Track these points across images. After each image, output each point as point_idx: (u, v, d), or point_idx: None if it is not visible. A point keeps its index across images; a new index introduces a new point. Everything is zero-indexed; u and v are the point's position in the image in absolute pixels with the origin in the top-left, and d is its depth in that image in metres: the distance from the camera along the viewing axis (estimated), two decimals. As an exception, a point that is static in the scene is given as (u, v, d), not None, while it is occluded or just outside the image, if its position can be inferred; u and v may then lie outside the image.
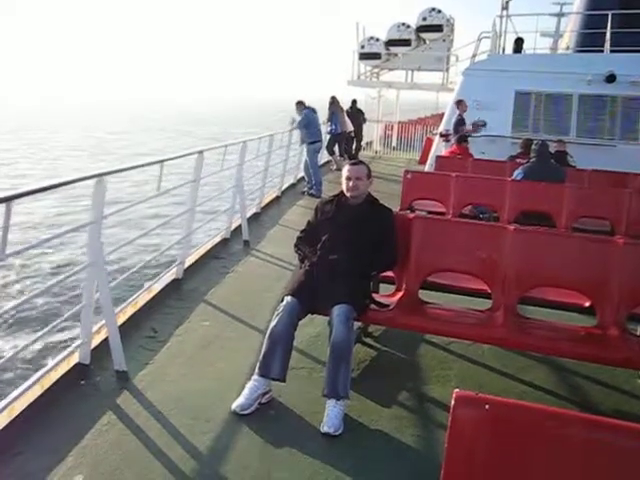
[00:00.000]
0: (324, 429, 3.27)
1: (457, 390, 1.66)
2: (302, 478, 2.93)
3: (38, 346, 7.70)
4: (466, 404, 1.64)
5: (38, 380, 3.45)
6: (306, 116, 11.20)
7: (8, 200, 2.93)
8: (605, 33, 11.95)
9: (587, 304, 3.90)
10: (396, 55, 19.72)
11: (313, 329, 4.45)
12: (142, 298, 4.97)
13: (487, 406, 1.60)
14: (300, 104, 11.42)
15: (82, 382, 3.73)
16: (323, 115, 12.87)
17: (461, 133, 10.47)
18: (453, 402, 1.64)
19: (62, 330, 7.76)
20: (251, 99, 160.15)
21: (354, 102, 16.59)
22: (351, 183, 3.90)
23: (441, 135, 12.25)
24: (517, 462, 1.63)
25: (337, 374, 3.36)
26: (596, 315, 3.80)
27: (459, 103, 11.18)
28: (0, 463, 2.96)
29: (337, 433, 3.26)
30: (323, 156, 13.68)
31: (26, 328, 8.96)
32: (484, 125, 10.97)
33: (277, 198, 10.71)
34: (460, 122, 10.99)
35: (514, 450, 1.62)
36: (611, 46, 11.96)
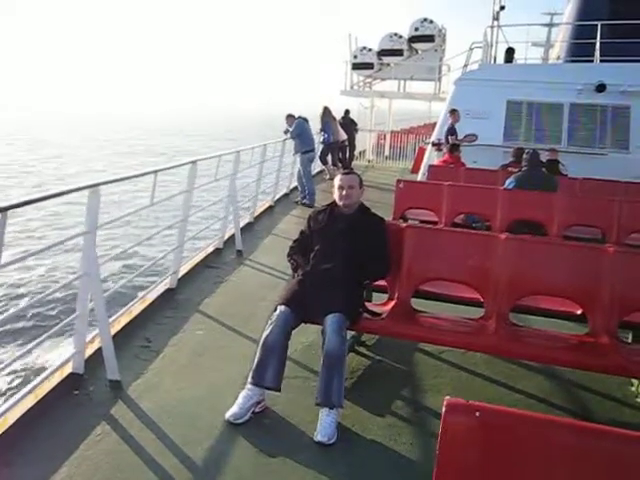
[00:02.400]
0: (317, 438, 3.28)
1: (448, 397, 1.68)
2: None
3: (32, 356, 7.67)
4: (457, 411, 1.66)
5: (32, 390, 3.45)
6: (298, 125, 11.24)
7: (3, 210, 2.94)
8: (595, 43, 12.07)
9: (579, 312, 3.92)
10: (388, 65, 19.86)
11: (306, 338, 4.46)
12: (136, 308, 4.97)
13: (477, 413, 1.62)
14: (290, 117, 11.47)
15: (76, 392, 3.72)
16: (316, 125, 12.92)
17: (452, 142, 10.55)
18: (444, 409, 1.65)
19: (56, 340, 7.72)
20: (240, 108, 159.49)
21: (347, 112, 16.67)
22: (344, 192, 3.93)
23: (433, 144, 12.32)
24: (508, 469, 1.64)
25: (330, 383, 3.37)
26: (588, 323, 3.83)
27: (452, 112, 11.25)
28: None
29: (331, 442, 3.27)
30: (316, 165, 13.73)
31: (20, 337, 8.93)
32: (475, 139, 11.08)
33: (270, 208, 10.73)
34: (451, 131, 11.05)
35: (505, 457, 1.64)
36: (601, 56, 12.08)
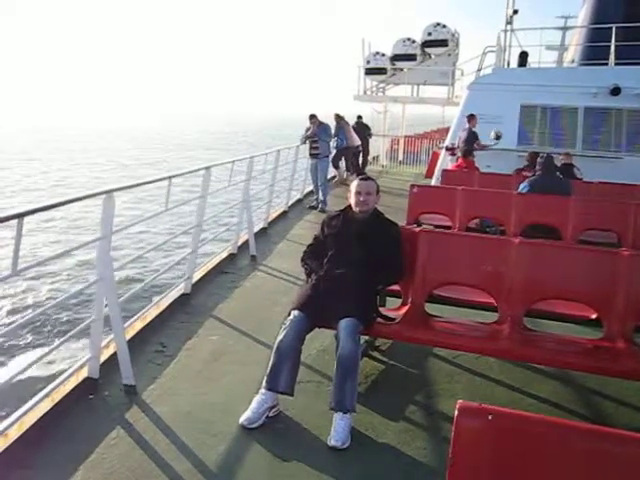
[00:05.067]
0: (331, 442, 3.28)
1: (460, 401, 1.68)
2: None
3: (48, 360, 7.74)
4: (469, 414, 1.66)
5: (48, 394, 3.48)
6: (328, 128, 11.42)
7: (20, 217, 2.98)
8: (610, 46, 12.00)
9: (594, 316, 3.90)
10: (402, 70, 19.87)
11: (320, 343, 4.47)
12: (151, 313, 5.01)
13: (490, 416, 1.61)
14: (314, 117, 11.50)
15: (91, 396, 3.76)
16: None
17: (477, 147, 10.53)
18: (456, 412, 1.65)
19: (72, 344, 7.81)
20: (252, 116, 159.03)
21: (359, 117, 16.70)
22: (361, 198, 3.93)
23: (447, 149, 12.29)
24: (521, 472, 1.64)
25: (344, 387, 3.38)
26: (603, 327, 3.80)
27: (471, 117, 11.15)
28: (10, 477, 2.99)
29: (344, 446, 3.27)
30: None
31: (36, 342, 9.01)
32: (500, 137, 11.05)
33: (284, 213, 10.75)
34: (473, 136, 10.92)
35: (517, 460, 1.63)
36: (616, 59, 12.01)
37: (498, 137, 11.00)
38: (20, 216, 2.98)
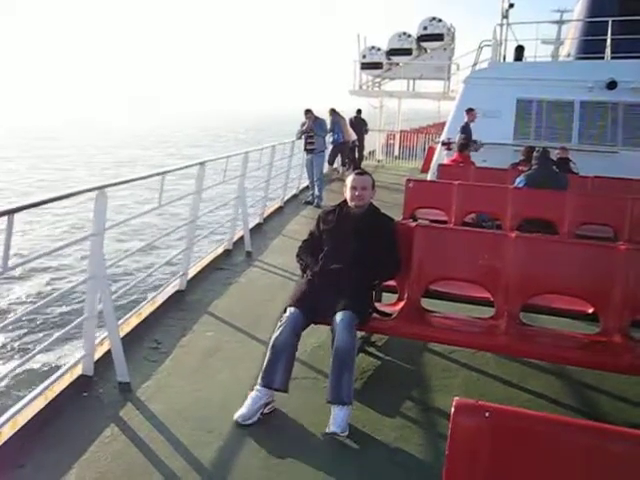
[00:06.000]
0: (330, 429, 3.27)
1: (457, 398, 1.66)
2: None
3: (41, 358, 7.70)
4: (466, 412, 1.64)
5: (41, 392, 3.45)
6: (324, 123, 11.42)
7: (10, 213, 2.95)
8: (605, 40, 11.98)
9: (590, 311, 3.89)
10: (397, 64, 19.82)
11: (316, 339, 4.44)
12: (145, 310, 4.98)
13: (487, 414, 1.59)
14: (309, 112, 11.46)
15: (85, 394, 3.73)
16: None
17: (460, 141, 10.46)
18: (453, 410, 1.63)
19: (65, 342, 7.77)
20: (247, 112, 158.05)
21: (359, 112, 16.63)
22: (357, 192, 3.91)
23: (443, 144, 12.26)
24: (518, 470, 1.62)
25: (341, 380, 3.36)
26: (599, 322, 3.79)
27: (468, 111, 11.11)
28: (3, 476, 2.96)
29: (344, 434, 3.26)
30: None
31: (29, 340, 8.96)
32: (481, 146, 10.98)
33: (280, 208, 10.73)
34: (464, 130, 10.88)
35: (515, 458, 1.62)
36: (612, 53, 11.99)
37: (476, 149, 10.88)
38: (11, 212, 2.95)
